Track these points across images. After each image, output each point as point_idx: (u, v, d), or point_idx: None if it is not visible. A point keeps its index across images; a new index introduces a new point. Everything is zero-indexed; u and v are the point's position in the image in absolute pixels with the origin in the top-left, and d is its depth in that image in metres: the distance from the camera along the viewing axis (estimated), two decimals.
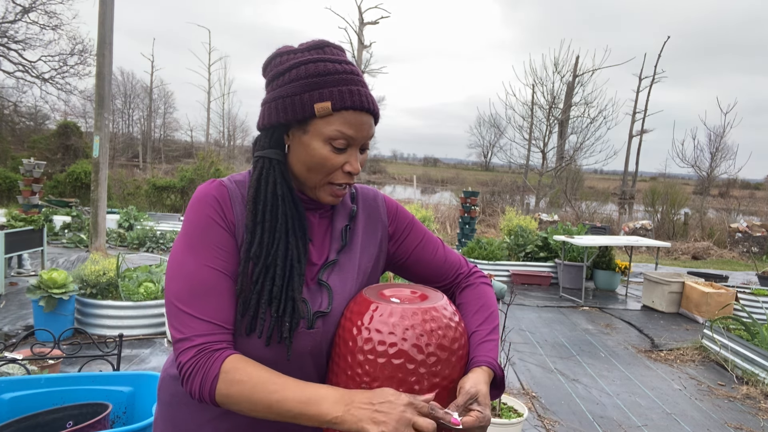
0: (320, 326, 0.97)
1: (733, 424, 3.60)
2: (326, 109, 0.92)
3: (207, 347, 0.87)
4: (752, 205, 20.92)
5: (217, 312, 0.90)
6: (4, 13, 16.27)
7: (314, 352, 0.98)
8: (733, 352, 4.70)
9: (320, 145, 0.94)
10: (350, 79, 0.94)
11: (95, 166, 7.42)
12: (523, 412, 2.97)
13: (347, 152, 0.95)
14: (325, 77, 0.93)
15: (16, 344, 3.18)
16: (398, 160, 74.32)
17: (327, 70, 0.93)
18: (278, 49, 1.01)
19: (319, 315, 0.97)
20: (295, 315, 0.93)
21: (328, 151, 0.94)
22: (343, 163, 0.96)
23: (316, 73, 0.93)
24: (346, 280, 1.03)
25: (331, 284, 1.00)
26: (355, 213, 1.10)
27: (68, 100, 19.98)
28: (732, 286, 7.38)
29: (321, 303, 0.99)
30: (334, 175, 0.97)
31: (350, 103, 0.92)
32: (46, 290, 4.28)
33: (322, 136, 0.93)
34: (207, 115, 28.09)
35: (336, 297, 1.00)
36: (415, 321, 0.92)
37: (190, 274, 0.90)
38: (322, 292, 1.00)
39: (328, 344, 1.00)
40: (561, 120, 18.99)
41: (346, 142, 0.94)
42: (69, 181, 15.71)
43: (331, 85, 0.93)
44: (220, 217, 0.94)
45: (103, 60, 7.36)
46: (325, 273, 1.01)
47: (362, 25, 18.30)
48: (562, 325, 5.96)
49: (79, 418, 1.82)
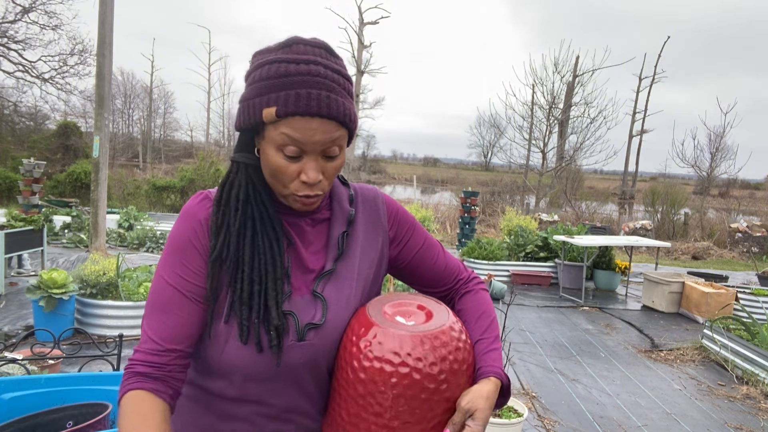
0: (313, 339, 0.94)
1: (733, 424, 3.60)
2: (271, 115, 0.86)
3: (131, 367, 0.90)
4: (752, 205, 20.95)
5: (162, 330, 0.90)
6: (4, 13, 16.26)
7: (310, 365, 0.95)
8: (733, 352, 4.70)
9: (273, 153, 0.89)
10: (304, 81, 0.86)
11: (95, 166, 7.42)
12: (523, 412, 2.97)
13: (303, 160, 0.89)
14: (276, 80, 0.87)
15: (16, 344, 3.18)
16: (398, 160, 74.30)
17: (280, 72, 0.87)
18: (258, 50, 0.96)
19: (311, 327, 0.93)
20: (272, 322, 0.90)
21: (281, 158, 0.89)
22: (298, 173, 0.90)
23: (268, 76, 0.87)
24: (343, 289, 0.99)
25: (326, 295, 0.97)
26: (353, 217, 1.06)
27: (68, 100, 19.99)
28: (732, 286, 7.39)
29: (315, 315, 0.95)
30: (292, 185, 0.91)
31: (294, 108, 0.85)
32: (46, 290, 4.28)
33: (274, 143, 0.88)
34: (207, 115, 28.14)
35: (332, 308, 0.96)
36: (425, 349, 0.88)
37: (155, 289, 0.93)
38: (316, 304, 0.96)
39: (326, 357, 0.96)
40: (561, 120, 18.99)
41: (297, 149, 0.87)
42: (69, 181, 15.72)
43: (279, 89, 0.86)
44: (196, 237, 0.93)
45: (103, 60, 7.36)
46: (321, 283, 0.97)
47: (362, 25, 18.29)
48: (562, 325, 5.96)
49: (79, 418, 1.82)
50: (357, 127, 0.97)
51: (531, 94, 19.26)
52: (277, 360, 0.90)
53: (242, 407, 0.96)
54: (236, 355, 0.91)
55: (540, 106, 19.13)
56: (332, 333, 0.95)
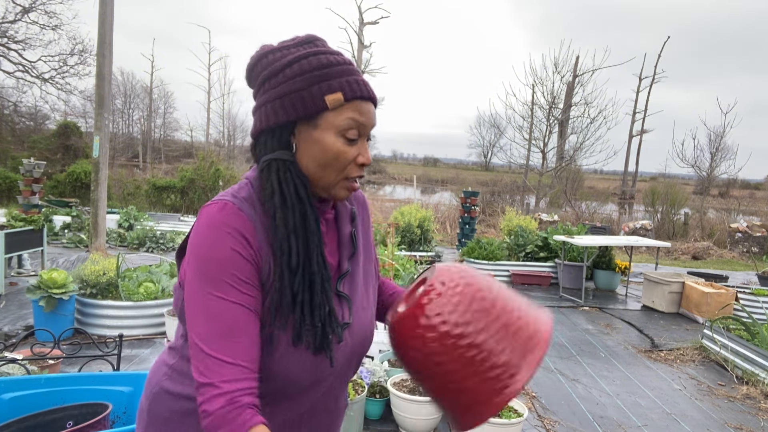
0: (348, 338, 0.97)
1: (733, 424, 3.60)
2: (338, 101, 0.91)
3: (236, 400, 0.81)
4: (752, 205, 20.94)
5: (245, 353, 0.84)
6: (4, 13, 16.27)
7: (346, 367, 0.99)
8: (733, 352, 4.70)
9: (333, 139, 0.92)
10: (352, 69, 0.94)
11: (95, 166, 7.42)
12: (523, 412, 2.97)
13: (358, 143, 0.94)
14: (330, 69, 0.92)
15: (16, 344, 3.18)
16: (398, 160, 74.30)
17: (330, 62, 0.92)
18: (264, 49, 0.97)
19: (345, 327, 0.96)
20: (333, 322, 0.92)
21: (341, 143, 0.92)
22: (356, 155, 0.94)
23: (320, 65, 0.92)
24: (358, 287, 1.02)
25: (350, 295, 1.00)
26: (355, 215, 1.08)
27: (68, 100, 20.00)
28: (732, 286, 7.38)
29: (343, 315, 0.97)
30: (348, 168, 0.94)
31: (359, 92, 0.92)
32: (46, 290, 4.28)
33: (335, 129, 0.91)
34: (207, 115, 28.07)
35: (354, 307, 1.00)
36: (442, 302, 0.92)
37: (215, 314, 0.84)
38: (342, 304, 0.98)
39: (357, 359, 1.01)
40: (561, 120, 18.99)
41: (358, 131, 0.93)
42: (69, 181, 15.72)
43: (338, 76, 0.92)
44: (243, 248, 0.87)
45: (103, 60, 7.36)
46: (342, 283, 1.00)
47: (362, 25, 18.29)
48: (562, 325, 5.96)
49: (79, 418, 1.82)
50: None
51: (531, 94, 19.25)
52: (330, 361, 0.92)
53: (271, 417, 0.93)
54: (290, 360, 0.90)
55: (540, 106, 19.13)
56: (359, 332, 0.99)
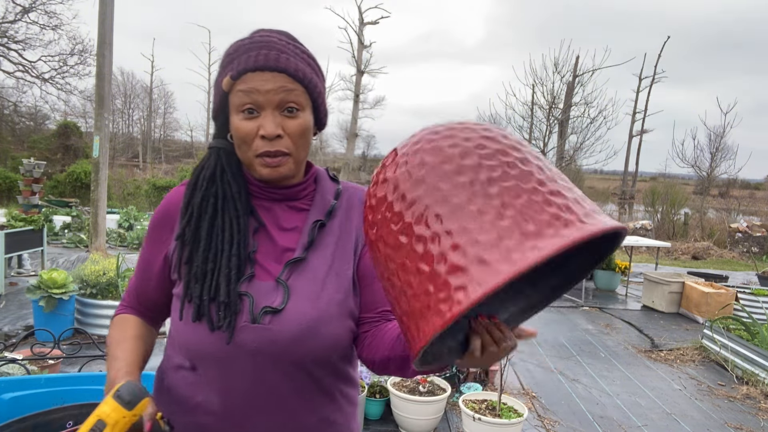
0: (269, 323, 0.91)
1: (733, 424, 3.60)
2: (229, 83, 0.92)
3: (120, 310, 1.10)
4: (752, 205, 20.92)
5: (135, 291, 1.08)
6: (4, 13, 16.27)
7: (269, 353, 0.91)
8: (733, 352, 4.70)
9: (236, 119, 0.93)
10: (253, 46, 0.92)
11: (95, 166, 7.42)
12: (523, 412, 2.97)
13: (261, 116, 0.92)
14: (232, 54, 0.93)
15: (16, 344, 3.18)
16: None
17: (235, 47, 0.94)
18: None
19: (269, 311, 0.91)
20: (220, 300, 0.91)
21: (240, 119, 0.92)
22: (258, 129, 0.92)
23: (227, 54, 0.95)
24: (314, 281, 0.95)
25: (292, 283, 0.94)
26: (333, 209, 1.03)
27: (68, 100, 19.96)
28: (732, 286, 7.38)
29: (274, 300, 0.92)
30: (254, 144, 0.93)
31: (245, 65, 0.90)
32: (46, 290, 4.28)
33: (235, 109, 0.93)
34: (207, 115, 28.09)
35: (295, 298, 0.93)
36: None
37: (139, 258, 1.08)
38: (278, 290, 0.94)
39: (289, 348, 0.91)
40: (561, 120, 19.00)
41: (252, 104, 0.91)
42: (69, 181, 15.73)
43: (235, 58, 0.92)
44: (170, 218, 1.02)
45: (103, 60, 7.36)
46: (287, 271, 0.95)
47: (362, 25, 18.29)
48: (562, 325, 5.96)
49: (79, 418, 1.82)
50: (319, 94, 0.98)
51: (531, 94, 19.26)
52: (228, 338, 0.90)
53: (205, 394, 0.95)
54: (192, 333, 0.93)
55: (540, 106, 19.13)
56: (292, 322, 0.91)
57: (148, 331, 1.07)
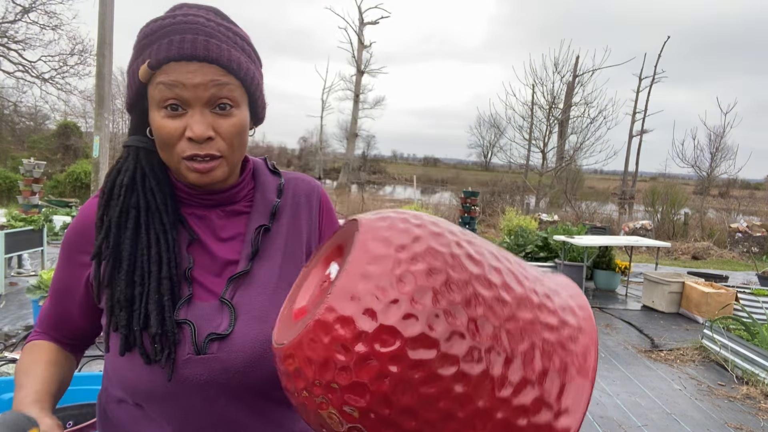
0: (217, 352, 0.78)
1: (733, 424, 3.60)
2: (146, 71, 0.76)
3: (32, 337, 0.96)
4: (752, 205, 20.93)
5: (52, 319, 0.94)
6: (4, 13, 16.30)
7: (222, 385, 0.79)
8: (733, 352, 4.70)
9: (157, 116, 0.78)
10: (176, 28, 0.76)
11: (95, 166, 7.42)
12: None
13: (187, 114, 0.77)
14: (149, 37, 0.77)
15: (16, 344, 3.18)
16: (398, 160, 74.30)
17: (153, 28, 0.78)
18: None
19: (215, 338, 0.79)
20: (152, 331, 0.77)
21: (161, 117, 0.77)
22: (184, 129, 0.77)
23: (143, 36, 0.79)
24: (260, 295, 0.83)
25: (237, 302, 0.82)
26: (276, 209, 0.90)
27: (68, 100, 19.97)
28: (732, 286, 7.38)
29: (220, 324, 0.80)
30: (179, 146, 0.78)
31: (166, 53, 0.75)
32: (46, 290, 4.28)
33: (155, 103, 0.78)
34: None
35: (243, 318, 0.81)
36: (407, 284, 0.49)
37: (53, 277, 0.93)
38: (223, 312, 0.81)
39: (243, 376, 0.80)
40: (561, 120, 19.00)
41: (176, 99, 0.76)
42: (69, 181, 15.74)
43: (153, 43, 0.77)
44: (85, 236, 0.87)
45: (103, 60, 7.36)
46: (231, 288, 0.83)
47: (362, 25, 18.30)
48: None
49: (79, 418, 1.82)
50: (257, 86, 0.85)
51: (531, 94, 19.26)
52: (168, 374, 0.77)
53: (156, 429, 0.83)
54: (128, 368, 0.80)
55: (540, 106, 19.15)
56: (243, 347, 0.79)
57: (64, 358, 0.92)
